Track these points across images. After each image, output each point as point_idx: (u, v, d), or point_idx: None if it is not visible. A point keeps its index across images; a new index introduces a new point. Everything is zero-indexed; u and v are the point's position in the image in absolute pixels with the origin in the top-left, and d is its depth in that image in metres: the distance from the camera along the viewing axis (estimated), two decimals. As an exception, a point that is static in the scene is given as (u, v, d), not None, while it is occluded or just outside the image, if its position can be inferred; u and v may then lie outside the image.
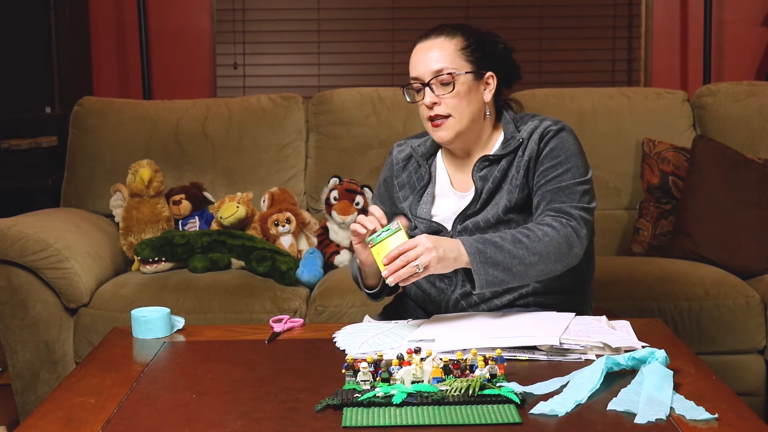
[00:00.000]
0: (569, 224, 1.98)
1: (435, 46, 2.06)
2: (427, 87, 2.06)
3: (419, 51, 2.08)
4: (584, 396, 1.59)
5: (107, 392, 1.69)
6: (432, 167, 2.19)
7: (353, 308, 2.79)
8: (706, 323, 2.81)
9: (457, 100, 2.05)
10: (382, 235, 1.90)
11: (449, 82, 2.05)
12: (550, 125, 2.08)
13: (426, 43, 2.08)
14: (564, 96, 3.50)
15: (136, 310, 2.09)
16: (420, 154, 2.20)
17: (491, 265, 1.91)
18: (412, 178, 2.20)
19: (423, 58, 2.07)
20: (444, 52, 2.05)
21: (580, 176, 2.05)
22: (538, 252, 1.94)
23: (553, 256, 1.95)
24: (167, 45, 4.62)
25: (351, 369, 1.67)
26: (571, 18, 4.60)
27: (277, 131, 3.45)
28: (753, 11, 4.58)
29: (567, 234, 1.97)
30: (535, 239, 1.94)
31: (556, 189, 2.03)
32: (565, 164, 2.04)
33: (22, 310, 2.85)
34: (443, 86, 2.05)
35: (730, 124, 3.39)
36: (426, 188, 2.17)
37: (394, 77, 4.61)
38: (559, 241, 1.96)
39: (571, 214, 2.00)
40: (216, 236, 3.06)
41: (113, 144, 3.41)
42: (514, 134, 2.10)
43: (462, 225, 2.08)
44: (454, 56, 2.06)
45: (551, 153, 2.05)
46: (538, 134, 2.07)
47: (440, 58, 2.05)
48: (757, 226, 3.06)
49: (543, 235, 1.95)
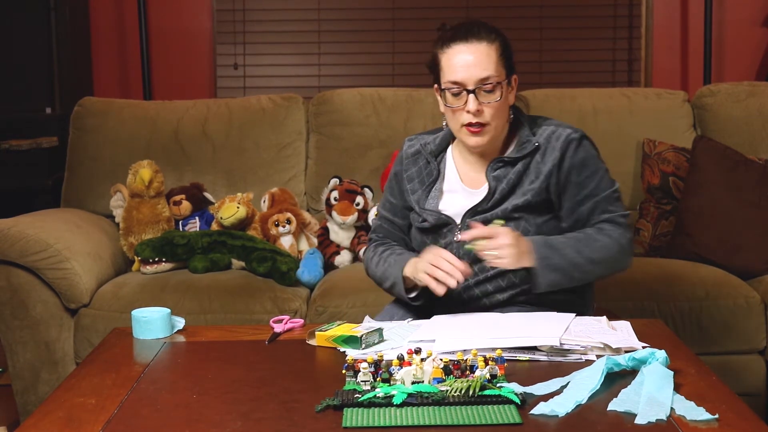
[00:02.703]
0: (624, 234, 2.09)
1: (480, 52, 2.05)
2: (471, 94, 2.04)
3: (461, 54, 2.06)
4: (584, 396, 1.59)
5: (107, 392, 1.69)
6: (441, 164, 2.21)
7: (353, 308, 2.79)
8: (706, 323, 2.80)
9: (499, 108, 2.07)
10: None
11: (493, 90, 2.05)
12: (571, 133, 2.11)
13: (469, 46, 2.06)
14: (564, 96, 3.50)
15: (136, 311, 2.10)
16: (429, 151, 2.21)
17: (553, 270, 2.01)
18: (422, 173, 2.22)
19: (467, 63, 2.05)
20: (489, 59, 2.05)
21: (613, 183, 2.14)
22: (596, 261, 2.05)
23: (609, 263, 2.08)
24: (167, 45, 4.62)
25: (351, 369, 1.67)
26: (571, 18, 4.60)
27: (277, 131, 3.45)
28: (753, 11, 4.58)
29: (622, 243, 2.08)
30: (595, 249, 2.04)
31: (602, 198, 2.11)
32: (598, 173, 2.12)
33: (22, 311, 2.85)
34: (487, 94, 2.05)
35: (730, 124, 3.39)
36: (434, 183, 2.20)
37: (395, 77, 4.61)
38: (615, 250, 2.07)
39: (620, 222, 2.10)
40: (216, 237, 3.06)
41: (113, 144, 3.41)
42: (529, 138, 2.13)
43: (471, 219, 2.11)
44: (497, 63, 2.06)
45: (583, 163, 2.10)
46: (560, 142, 2.10)
47: (486, 65, 2.05)
48: (758, 227, 3.06)
49: (602, 246, 2.05)
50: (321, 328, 1.97)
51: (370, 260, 2.26)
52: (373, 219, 2.36)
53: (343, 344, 1.90)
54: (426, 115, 3.42)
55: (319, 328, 1.98)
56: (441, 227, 2.16)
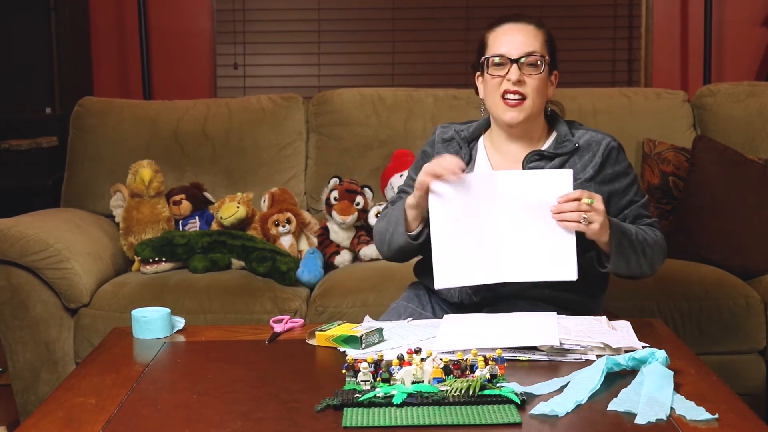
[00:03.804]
0: (664, 239, 2.17)
1: (527, 31, 2.14)
2: (515, 63, 2.10)
3: (509, 31, 2.14)
4: (584, 396, 1.59)
5: (107, 392, 1.70)
6: (473, 150, 2.23)
7: (353, 308, 2.79)
8: (706, 323, 2.81)
9: (539, 83, 2.12)
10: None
11: (537, 63, 2.11)
12: (611, 141, 2.18)
13: (517, 25, 2.15)
14: (564, 96, 3.46)
15: (136, 311, 2.10)
16: (462, 137, 2.24)
17: (622, 255, 2.04)
18: None
19: (514, 37, 2.13)
20: (536, 39, 2.14)
21: (643, 193, 2.23)
22: (649, 257, 2.10)
23: (655, 262, 2.13)
24: (167, 45, 4.62)
25: (351, 369, 1.67)
26: (571, 18, 4.60)
27: (277, 131, 3.45)
28: (753, 11, 4.58)
29: (664, 246, 2.17)
30: (653, 249, 2.10)
31: (641, 205, 2.18)
32: (635, 182, 2.20)
33: (22, 311, 2.85)
34: (531, 66, 2.11)
35: (730, 124, 3.39)
36: (465, 169, 2.19)
37: (394, 77, 4.61)
38: (661, 251, 2.16)
39: (658, 228, 2.18)
40: (216, 236, 3.06)
41: (113, 144, 3.41)
42: (568, 137, 2.17)
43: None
44: (543, 44, 2.15)
45: (625, 172, 2.18)
46: (602, 148, 2.15)
47: (533, 42, 2.13)
48: (758, 226, 3.06)
49: (655, 244, 2.12)
50: (321, 328, 1.98)
51: (377, 223, 2.26)
52: (392, 196, 2.37)
53: (343, 344, 1.90)
54: (426, 115, 3.42)
55: (319, 328, 1.98)
56: None
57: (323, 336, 1.94)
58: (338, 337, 1.92)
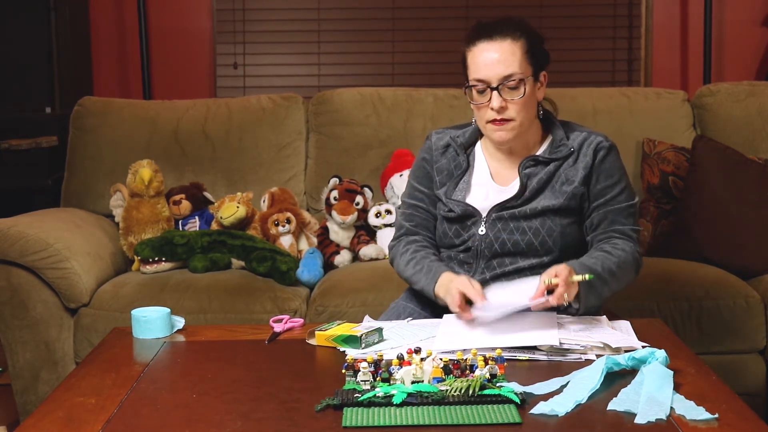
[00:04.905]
0: (635, 249, 2.13)
1: (503, 50, 2.08)
2: (494, 91, 2.07)
3: (485, 52, 2.09)
4: (584, 396, 1.59)
5: (107, 392, 1.70)
6: (470, 156, 2.24)
7: (353, 308, 2.79)
8: (706, 323, 2.80)
9: (523, 104, 2.09)
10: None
11: (517, 86, 2.07)
12: (602, 141, 2.16)
13: (492, 44, 2.09)
14: (564, 96, 3.49)
15: (136, 310, 2.10)
16: (459, 143, 2.23)
17: (594, 296, 2.03)
18: (450, 165, 2.23)
19: (491, 61, 2.08)
20: (513, 57, 2.07)
21: (632, 198, 2.17)
22: (620, 280, 2.08)
23: (626, 280, 2.12)
24: (167, 45, 4.62)
25: (351, 369, 1.67)
26: (571, 18, 4.60)
27: (277, 131, 3.45)
28: (753, 11, 4.58)
29: (636, 259, 2.13)
30: (622, 269, 2.07)
31: (616, 210, 2.14)
32: (620, 184, 2.15)
33: (22, 310, 2.85)
34: (511, 90, 2.08)
35: (730, 124, 3.39)
36: (463, 176, 2.22)
37: (394, 77, 4.61)
38: (631, 267, 2.12)
39: (633, 237, 2.14)
40: (216, 236, 3.06)
41: (113, 144, 3.41)
42: (563, 141, 2.16)
43: (497, 214, 2.14)
44: (521, 61, 2.08)
45: (608, 171, 2.14)
46: (592, 148, 2.14)
47: (510, 63, 2.07)
48: (757, 226, 3.06)
49: (624, 263, 2.08)
50: (321, 328, 1.98)
51: (400, 256, 2.23)
52: (399, 209, 2.36)
53: (343, 344, 1.90)
54: (426, 115, 3.42)
55: (318, 328, 1.98)
56: (466, 219, 2.18)
57: (323, 336, 1.94)
58: (338, 337, 1.92)
